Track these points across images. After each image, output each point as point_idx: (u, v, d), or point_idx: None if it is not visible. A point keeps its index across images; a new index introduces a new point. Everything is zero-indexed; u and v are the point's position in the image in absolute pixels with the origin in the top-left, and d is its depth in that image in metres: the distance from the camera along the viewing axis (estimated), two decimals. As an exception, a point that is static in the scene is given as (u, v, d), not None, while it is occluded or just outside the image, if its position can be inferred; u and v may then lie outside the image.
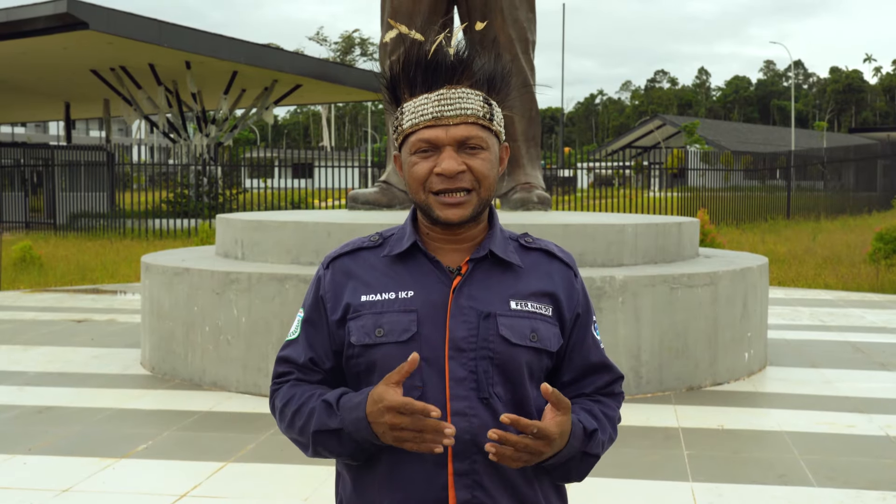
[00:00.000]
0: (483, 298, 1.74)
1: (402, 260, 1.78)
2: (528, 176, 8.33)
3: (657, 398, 6.16)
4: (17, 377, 6.82)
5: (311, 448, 1.76)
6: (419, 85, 1.73)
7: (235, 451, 4.96)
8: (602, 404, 1.85)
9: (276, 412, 1.82)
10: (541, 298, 1.78)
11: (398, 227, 1.84)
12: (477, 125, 1.72)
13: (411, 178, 1.74)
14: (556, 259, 1.84)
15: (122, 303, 11.04)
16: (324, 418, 1.71)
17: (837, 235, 21.62)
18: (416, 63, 1.73)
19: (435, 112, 1.71)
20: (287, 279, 6.19)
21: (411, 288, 1.74)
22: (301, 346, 1.82)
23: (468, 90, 1.73)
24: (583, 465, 1.77)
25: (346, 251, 1.83)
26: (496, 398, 1.71)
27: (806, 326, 9.21)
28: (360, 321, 1.74)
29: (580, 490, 4.32)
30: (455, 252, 1.78)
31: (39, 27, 21.96)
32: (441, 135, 1.71)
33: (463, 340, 1.71)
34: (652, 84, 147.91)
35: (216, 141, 28.34)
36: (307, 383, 1.81)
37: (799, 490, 4.40)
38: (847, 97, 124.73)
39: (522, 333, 1.73)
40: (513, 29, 8.10)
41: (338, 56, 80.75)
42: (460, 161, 1.71)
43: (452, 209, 1.71)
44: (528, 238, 1.86)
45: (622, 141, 66.16)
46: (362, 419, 1.65)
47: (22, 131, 72.35)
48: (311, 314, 1.83)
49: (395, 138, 1.79)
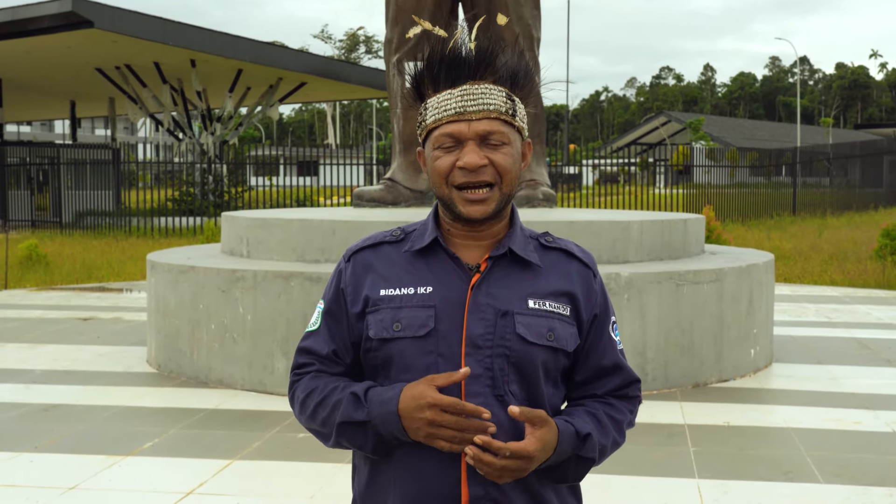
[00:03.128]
0: (501, 296, 1.74)
1: (422, 255, 1.79)
2: (534, 173, 8.32)
3: (663, 395, 6.15)
4: (23, 375, 6.84)
5: (332, 439, 1.76)
6: (443, 81, 1.74)
7: (241, 449, 4.96)
8: (611, 407, 1.85)
9: (296, 403, 1.82)
10: (559, 298, 1.78)
11: (420, 223, 1.85)
12: (499, 120, 1.73)
13: (434, 172, 1.75)
14: (576, 259, 1.84)
15: (127, 301, 11.06)
16: (350, 410, 1.71)
17: (843, 232, 21.58)
18: (441, 59, 1.74)
19: (458, 107, 1.72)
20: (292, 277, 6.19)
21: (430, 284, 1.75)
22: (323, 338, 1.82)
23: (491, 86, 1.73)
24: (578, 468, 1.76)
25: (368, 245, 1.84)
26: (511, 396, 1.72)
27: (812, 323, 9.20)
28: (379, 315, 1.75)
29: (587, 487, 4.32)
30: (475, 249, 1.79)
31: (44, 26, 22.01)
32: (464, 129, 1.71)
33: (480, 338, 1.71)
34: (657, 81, 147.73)
35: (221, 139, 28.36)
36: (328, 375, 1.81)
37: (805, 487, 4.39)
38: (853, 93, 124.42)
39: (539, 332, 1.73)
40: (518, 25, 8.09)
41: (342, 54, 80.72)
42: (482, 155, 1.71)
43: (475, 206, 1.72)
44: (548, 237, 1.86)
45: (627, 138, 66.11)
46: (392, 413, 1.66)
47: (28, 130, 72.56)
48: (332, 306, 1.83)
49: (420, 133, 1.80)
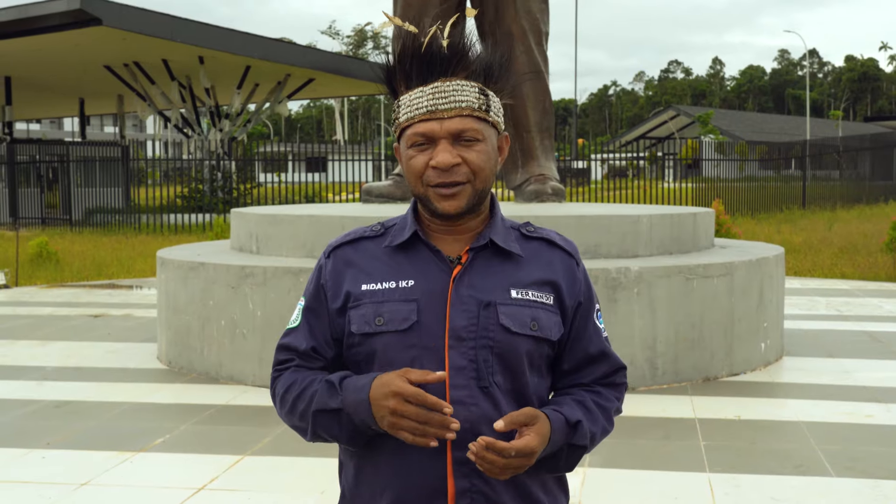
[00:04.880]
0: (483, 287, 1.73)
1: (403, 249, 1.78)
2: (543, 168, 8.31)
3: (673, 389, 6.14)
4: (35, 372, 6.87)
5: (310, 431, 1.75)
6: (414, 78, 1.73)
7: (252, 445, 4.97)
8: (598, 395, 1.83)
9: (276, 399, 1.81)
10: (542, 287, 1.77)
11: (400, 218, 1.84)
12: (472, 117, 1.71)
13: (409, 171, 1.75)
14: (558, 247, 1.83)
15: (138, 298, 11.09)
16: (325, 398, 1.71)
17: (854, 225, 21.50)
18: (412, 56, 1.73)
19: (429, 105, 1.70)
20: (302, 273, 6.20)
21: (412, 277, 1.74)
22: (302, 334, 1.81)
23: (463, 82, 1.72)
24: (570, 456, 1.76)
25: (348, 240, 1.83)
26: (496, 387, 1.71)
27: (822, 316, 9.17)
28: (361, 310, 1.74)
29: (597, 481, 4.32)
30: (456, 242, 1.78)
31: (53, 24, 22.06)
32: (436, 128, 1.70)
33: (463, 329, 1.71)
34: (665, 74, 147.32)
35: (230, 136, 28.41)
36: (308, 370, 1.80)
37: (817, 480, 4.38)
38: (862, 86, 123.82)
39: (523, 322, 1.73)
40: (525, 20, 8.08)
41: (350, 50, 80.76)
42: (455, 154, 1.70)
43: (448, 200, 1.71)
44: (529, 227, 1.85)
45: (636, 132, 65.94)
46: (364, 401, 1.65)
47: (37, 128, 72.75)
48: (312, 302, 1.82)
49: (393, 131, 1.80)
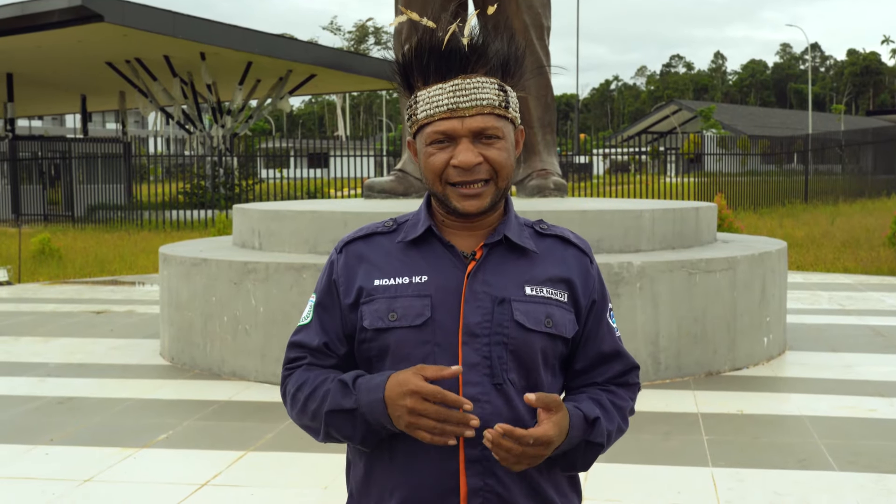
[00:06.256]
0: (498, 284, 1.71)
1: (416, 245, 1.75)
2: (545, 163, 8.30)
3: (676, 384, 6.14)
4: (38, 368, 6.87)
5: (322, 432, 1.72)
6: (433, 73, 1.70)
7: (255, 440, 4.98)
8: (612, 394, 1.81)
9: (287, 397, 1.78)
10: (556, 284, 1.75)
11: (412, 213, 1.82)
12: (493, 115, 1.69)
13: (427, 169, 1.71)
14: (572, 245, 1.81)
15: (140, 294, 11.10)
16: (338, 398, 1.68)
17: (856, 219, 21.48)
18: (430, 51, 1.69)
19: (450, 104, 1.68)
20: (304, 268, 6.20)
21: (425, 273, 1.72)
22: (314, 331, 1.78)
23: (483, 79, 1.69)
24: (587, 454, 1.73)
25: (360, 235, 1.81)
26: (510, 384, 1.69)
27: (825, 310, 9.16)
28: (374, 305, 1.72)
29: (601, 476, 4.32)
30: (470, 237, 1.76)
31: (54, 20, 22.04)
32: (457, 126, 1.68)
33: (477, 326, 1.68)
34: (667, 69, 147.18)
35: (232, 132, 28.40)
36: (320, 368, 1.77)
37: (820, 475, 4.38)
38: (865, 79, 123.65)
39: (537, 319, 1.71)
40: (527, 15, 8.06)
41: (352, 45, 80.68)
42: (477, 153, 1.68)
43: (470, 200, 1.69)
44: (543, 224, 1.83)
45: (638, 126, 65.92)
46: (379, 401, 1.62)
47: (39, 124, 72.82)
48: (324, 298, 1.80)
49: (409, 126, 1.76)
